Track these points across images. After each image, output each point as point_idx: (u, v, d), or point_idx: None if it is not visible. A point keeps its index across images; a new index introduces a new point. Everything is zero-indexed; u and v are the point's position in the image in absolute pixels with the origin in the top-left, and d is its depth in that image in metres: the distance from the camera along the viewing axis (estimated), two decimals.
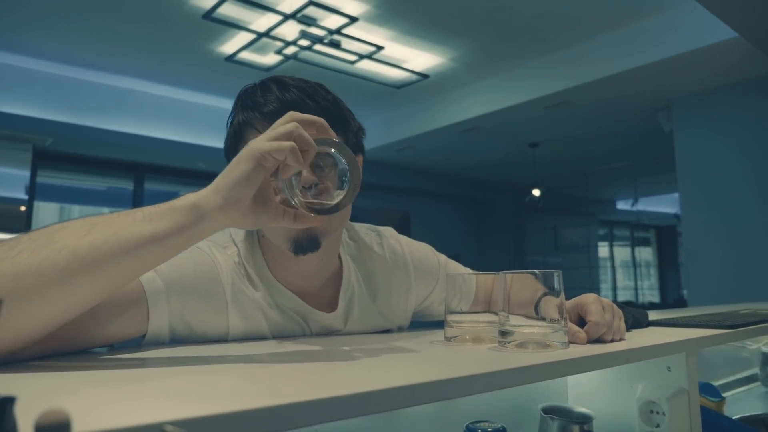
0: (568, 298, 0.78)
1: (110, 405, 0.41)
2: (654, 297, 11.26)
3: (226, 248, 0.87)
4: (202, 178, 5.29)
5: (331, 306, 0.93)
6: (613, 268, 10.79)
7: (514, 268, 0.80)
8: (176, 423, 0.33)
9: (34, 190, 5.34)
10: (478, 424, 0.73)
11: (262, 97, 0.82)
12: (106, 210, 6.96)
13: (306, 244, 0.81)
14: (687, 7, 3.84)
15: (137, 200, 6.03)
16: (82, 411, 0.35)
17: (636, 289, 11.06)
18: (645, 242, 11.82)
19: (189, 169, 6.08)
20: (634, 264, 11.34)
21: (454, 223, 8.56)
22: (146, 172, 6.08)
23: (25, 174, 5.17)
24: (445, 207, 8.54)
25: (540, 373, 0.61)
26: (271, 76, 0.86)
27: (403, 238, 1.09)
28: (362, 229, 1.05)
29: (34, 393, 0.44)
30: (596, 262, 9.51)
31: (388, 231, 1.08)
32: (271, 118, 0.76)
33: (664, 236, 11.47)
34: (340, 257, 0.96)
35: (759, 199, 4.34)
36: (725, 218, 4.50)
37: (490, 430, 0.72)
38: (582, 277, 8.53)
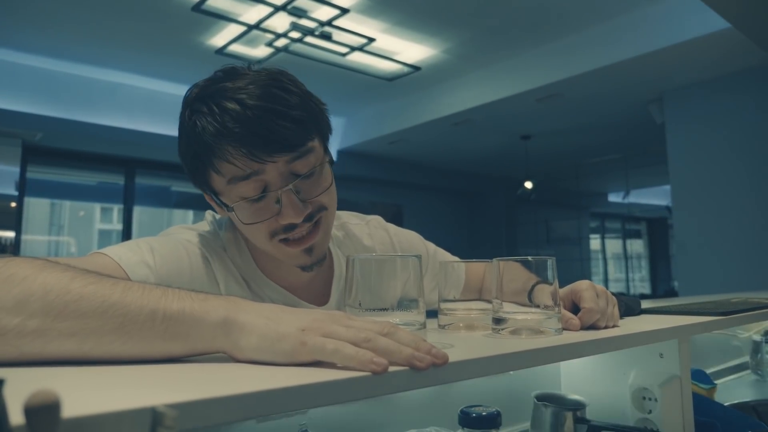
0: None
1: (101, 390, 0.41)
2: (645, 289, 11.36)
3: (213, 240, 0.86)
4: None
5: (322, 298, 0.93)
6: (605, 260, 10.87)
7: None
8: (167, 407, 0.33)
9: (24, 186, 5.30)
10: (472, 408, 0.74)
11: (222, 120, 0.75)
12: (97, 207, 6.89)
13: (313, 266, 0.85)
14: None
15: (128, 195, 5.98)
16: (72, 396, 0.34)
17: (627, 281, 11.15)
18: (636, 234, 11.91)
19: (180, 164, 6.02)
20: (626, 256, 11.42)
21: (447, 215, 8.58)
22: (137, 166, 6.04)
23: (15, 170, 5.12)
24: (437, 200, 8.56)
25: (534, 358, 0.61)
26: (220, 86, 0.77)
27: (391, 227, 1.08)
28: (350, 218, 1.04)
29: (24, 377, 0.44)
30: (588, 254, 9.57)
31: (376, 220, 1.07)
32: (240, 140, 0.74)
33: (655, 228, 11.56)
34: (329, 248, 0.95)
35: (750, 191, 4.37)
36: (716, 210, 4.53)
37: (484, 413, 0.72)
38: (574, 270, 8.58)
